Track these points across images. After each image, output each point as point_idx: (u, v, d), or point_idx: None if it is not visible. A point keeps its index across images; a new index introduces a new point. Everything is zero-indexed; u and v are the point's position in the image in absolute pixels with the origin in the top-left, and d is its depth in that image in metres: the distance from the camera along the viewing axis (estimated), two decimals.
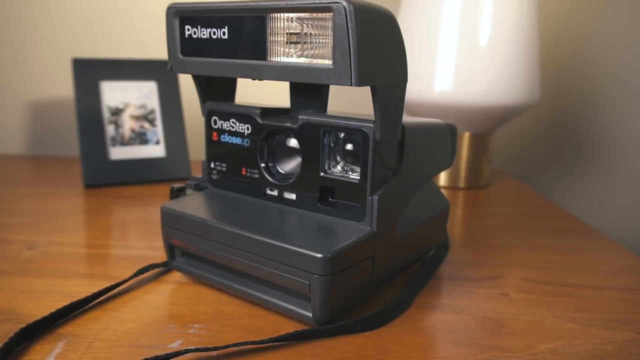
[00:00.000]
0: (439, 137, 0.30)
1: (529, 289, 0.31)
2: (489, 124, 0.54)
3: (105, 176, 0.53)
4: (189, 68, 0.28)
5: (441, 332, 0.26)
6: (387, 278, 0.29)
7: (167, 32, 0.28)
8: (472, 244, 0.39)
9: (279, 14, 0.24)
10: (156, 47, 0.68)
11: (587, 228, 0.44)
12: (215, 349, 0.22)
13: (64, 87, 0.67)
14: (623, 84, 0.69)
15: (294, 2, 0.23)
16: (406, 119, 0.28)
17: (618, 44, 0.68)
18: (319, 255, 0.22)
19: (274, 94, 0.69)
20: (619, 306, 0.29)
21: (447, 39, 0.50)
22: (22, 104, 0.68)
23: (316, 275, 0.23)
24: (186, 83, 0.67)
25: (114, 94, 0.56)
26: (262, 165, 0.29)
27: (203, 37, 0.27)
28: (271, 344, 0.23)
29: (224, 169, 0.30)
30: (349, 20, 0.21)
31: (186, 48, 0.28)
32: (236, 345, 0.22)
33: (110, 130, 0.55)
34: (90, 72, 0.55)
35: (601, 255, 0.37)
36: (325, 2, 0.22)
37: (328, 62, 0.22)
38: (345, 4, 0.21)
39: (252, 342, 0.23)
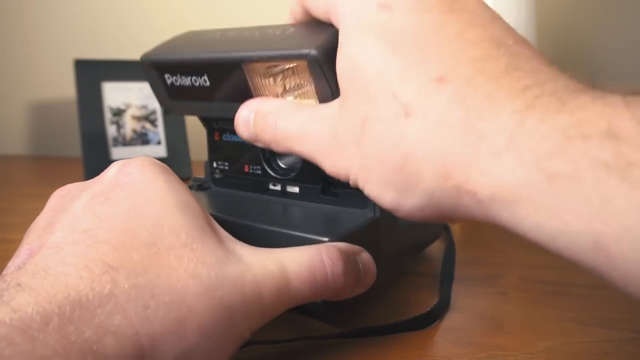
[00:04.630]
0: None
1: (527, 287, 0.31)
2: None
3: None
4: (180, 110, 0.28)
5: (440, 331, 0.26)
6: (389, 270, 0.29)
7: (148, 80, 0.28)
8: (471, 243, 0.39)
9: (253, 64, 0.23)
10: None
11: None
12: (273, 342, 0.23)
13: (66, 87, 0.67)
14: (621, 85, 0.69)
15: (265, 53, 0.23)
16: None
17: (617, 46, 0.68)
18: (325, 239, 0.22)
19: None
20: (616, 305, 0.29)
21: None
22: (24, 105, 0.69)
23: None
24: None
25: (116, 94, 0.56)
26: (265, 161, 0.29)
27: (185, 84, 0.27)
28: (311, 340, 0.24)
29: (226, 167, 0.31)
30: (324, 69, 0.21)
31: (172, 93, 0.28)
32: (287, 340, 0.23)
33: (112, 130, 0.55)
34: (92, 73, 0.56)
35: None
36: (296, 53, 0.22)
37: (314, 101, 0.23)
38: (314, 52, 0.21)
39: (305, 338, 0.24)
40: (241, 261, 0.19)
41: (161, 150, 0.57)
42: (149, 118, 0.57)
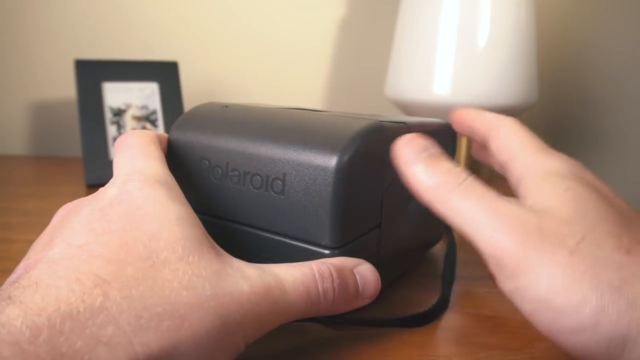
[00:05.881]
0: (440, 136, 0.31)
1: None
2: None
3: (107, 176, 0.53)
4: None
5: (439, 330, 0.26)
6: (388, 276, 0.29)
7: None
8: (471, 243, 0.39)
9: None
10: (157, 49, 0.68)
11: None
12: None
13: (66, 88, 0.67)
14: (618, 85, 0.69)
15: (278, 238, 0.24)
16: (407, 119, 0.29)
17: (614, 46, 0.68)
18: (327, 252, 0.23)
19: (275, 94, 0.69)
20: None
21: (446, 40, 0.50)
22: (24, 105, 0.69)
23: (327, 251, 0.23)
24: (187, 84, 0.67)
25: (116, 94, 0.56)
26: None
27: None
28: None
29: None
30: None
31: None
32: None
33: (112, 130, 0.55)
34: (93, 73, 0.56)
35: None
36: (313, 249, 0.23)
37: None
38: (328, 252, 0.23)
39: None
40: (238, 273, 0.19)
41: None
42: (149, 118, 0.57)
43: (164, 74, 0.59)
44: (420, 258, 0.35)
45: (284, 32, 0.70)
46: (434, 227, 0.34)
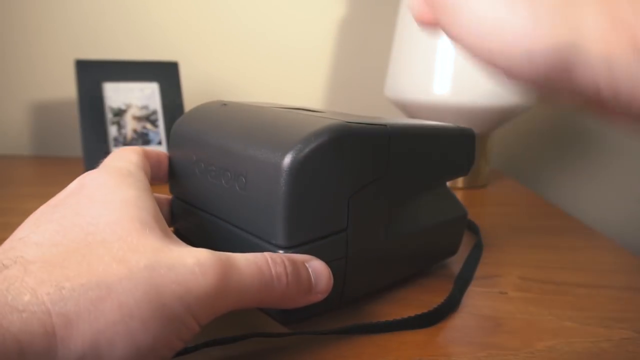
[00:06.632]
0: (448, 143, 0.30)
1: (527, 287, 0.31)
2: (488, 125, 0.54)
3: None
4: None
5: (440, 330, 0.26)
6: (367, 283, 0.28)
7: None
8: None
9: None
10: (158, 49, 0.68)
11: (583, 227, 0.44)
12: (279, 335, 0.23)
13: (66, 88, 0.67)
14: None
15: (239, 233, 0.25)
16: (410, 121, 0.28)
17: None
18: (281, 251, 0.23)
19: (275, 94, 0.69)
20: (616, 304, 0.29)
21: (446, 41, 0.51)
22: (25, 105, 0.69)
23: (280, 250, 0.23)
24: (187, 84, 0.67)
25: (117, 95, 0.56)
26: None
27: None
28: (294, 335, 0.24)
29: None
30: None
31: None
32: (246, 337, 0.23)
33: (112, 131, 0.55)
34: (93, 74, 0.56)
35: (598, 254, 0.38)
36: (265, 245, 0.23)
37: None
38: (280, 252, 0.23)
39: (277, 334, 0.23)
40: (185, 250, 0.19)
41: (162, 150, 0.57)
42: (149, 118, 0.57)
43: (164, 74, 0.59)
44: (425, 266, 0.33)
45: (284, 32, 0.70)
46: (441, 242, 0.32)
